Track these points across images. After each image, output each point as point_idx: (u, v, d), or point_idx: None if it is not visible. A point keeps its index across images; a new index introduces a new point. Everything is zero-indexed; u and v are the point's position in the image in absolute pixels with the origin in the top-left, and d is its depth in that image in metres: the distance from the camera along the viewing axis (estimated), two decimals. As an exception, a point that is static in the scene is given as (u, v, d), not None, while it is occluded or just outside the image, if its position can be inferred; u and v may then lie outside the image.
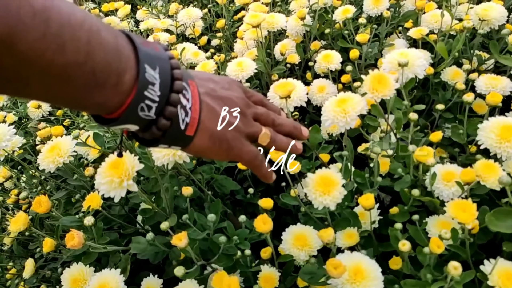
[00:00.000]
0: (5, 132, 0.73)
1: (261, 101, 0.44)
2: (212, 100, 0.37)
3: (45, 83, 0.26)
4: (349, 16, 0.91)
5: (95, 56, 0.28)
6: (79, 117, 1.12)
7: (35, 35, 0.24)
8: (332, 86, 0.87)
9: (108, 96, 0.30)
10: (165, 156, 0.60)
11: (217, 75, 0.42)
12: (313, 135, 0.72)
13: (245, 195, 0.82)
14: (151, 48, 0.32)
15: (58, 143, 0.69)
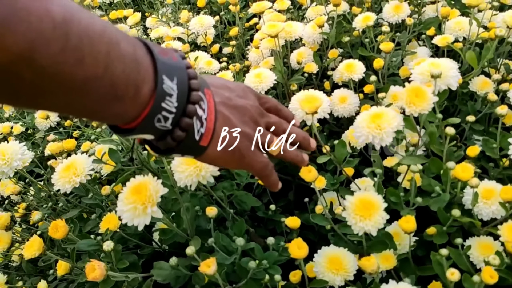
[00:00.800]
0: (16, 150, 0.70)
1: (275, 107, 0.44)
2: (227, 109, 0.37)
3: (63, 96, 0.26)
4: (370, 23, 0.88)
5: (114, 69, 0.27)
6: (88, 128, 1.09)
7: (55, 49, 0.23)
8: (354, 97, 0.84)
9: (126, 108, 0.30)
10: (188, 177, 0.57)
11: (232, 82, 0.41)
12: (339, 149, 0.69)
13: (266, 212, 0.79)
14: (169, 57, 0.32)
15: (74, 161, 0.66)
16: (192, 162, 0.58)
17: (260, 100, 0.43)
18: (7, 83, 0.23)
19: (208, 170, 0.57)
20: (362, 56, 0.97)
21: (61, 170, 0.66)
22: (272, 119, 0.42)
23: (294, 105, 0.73)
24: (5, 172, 0.70)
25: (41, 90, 0.25)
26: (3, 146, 0.71)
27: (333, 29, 0.93)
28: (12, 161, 0.69)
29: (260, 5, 0.89)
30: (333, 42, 0.94)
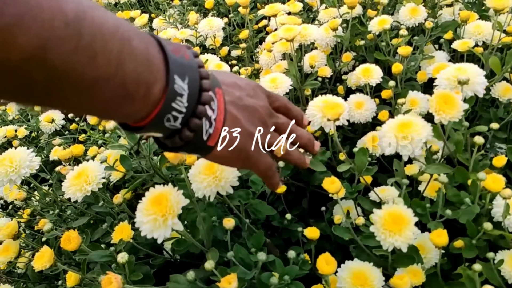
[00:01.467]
0: (24, 157, 0.67)
1: (285, 106, 0.44)
2: (237, 109, 0.37)
3: (74, 95, 0.26)
4: (386, 27, 0.86)
5: (126, 68, 0.27)
6: (95, 131, 1.07)
7: (67, 48, 0.23)
8: (371, 102, 0.82)
9: (136, 107, 0.29)
10: (207, 187, 0.55)
11: (242, 79, 0.40)
12: (359, 157, 0.67)
13: (282, 221, 0.76)
14: (181, 56, 0.31)
15: (86, 169, 0.63)
16: (211, 171, 0.55)
17: (270, 98, 0.42)
18: (18, 82, 0.23)
19: (227, 180, 0.55)
20: (376, 59, 0.95)
21: (72, 177, 0.63)
22: (280, 120, 0.42)
23: (312, 110, 0.70)
24: (13, 180, 0.67)
25: (53, 89, 0.24)
26: (11, 153, 0.69)
27: (348, 32, 0.91)
28: (20, 168, 0.66)
29: (273, 8, 0.87)
30: (347, 46, 0.92)
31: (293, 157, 0.43)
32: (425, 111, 0.81)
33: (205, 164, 0.55)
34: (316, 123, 0.70)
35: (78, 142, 1.09)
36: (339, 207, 0.79)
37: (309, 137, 0.45)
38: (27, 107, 1.26)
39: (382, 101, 0.87)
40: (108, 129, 0.68)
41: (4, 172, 0.67)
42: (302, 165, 0.45)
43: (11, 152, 0.69)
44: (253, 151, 0.38)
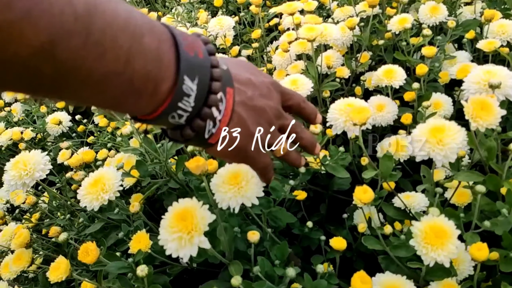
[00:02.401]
0: (38, 160, 0.65)
1: (298, 105, 0.44)
2: (245, 110, 0.36)
3: (82, 90, 0.25)
4: (407, 26, 0.83)
5: (135, 64, 0.26)
6: (103, 134, 1.04)
7: (76, 43, 0.23)
8: (392, 105, 0.79)
9: (143, 104, 0.29)
10: (232, 199, 0.52)
11: (258, 75, 0.39)
12: (384, 163, 0.64)
13: (302, 229, 0.73)
14: (195, 54, 0.31)
15: (102, 176, 0.61)
16: (236, 182, 0.53)
17: (284, 96, 0.42)
18: (26, 75, 0.22)
19: (253, 191, 0.52)
20: (395, 59, 0.92)
21: (88, 185, 0.60)
22: (287, 121, 0.41)
23: (334, 114, 0.68)
24: (27, 183, 0.65)
25: (61, 84, 0.24)
26: (24, 155, 0.67)
27: (367, 32, 0.88)
28: (34, 171, 0.64)
29: (291, 6, 0.84)
30: (366, 45, 0.89)
31: (291, 157, 0.43)
32: (449, 114, 0.78)
33: (229, 174, 0.53)
34: (339, 127, 0.67)
35: (86, 144, 1.07)
36: (360, 213, 0.77)
37: (311, 140, 0.45)
38: (35, 102, 1.24)
39: (402, 103, 0.85)
40: (124, 134, 0.65)
41: (17, 175, 0.65)
42: (298, 165, 0.45)
43: (24, 155, 0.68)
44: (252, 151, 0.38)
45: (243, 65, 0.40)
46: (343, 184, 0.80)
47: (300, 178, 0.71)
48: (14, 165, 0.66)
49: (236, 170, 0.53)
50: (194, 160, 0.52)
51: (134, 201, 0.76)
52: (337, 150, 0.68)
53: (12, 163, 0.66)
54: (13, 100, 1.35)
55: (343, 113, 0.67)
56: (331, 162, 0.68)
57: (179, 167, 0.71)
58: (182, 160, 0.71)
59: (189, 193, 0.75)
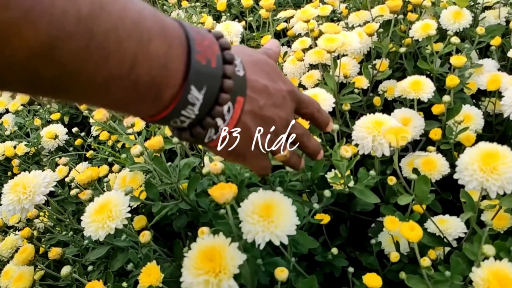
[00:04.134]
0: (39, 182, 0.59)
1: (312, 114, 0.43)
2: (253, 119, 0.35)
3: (84, 93, 0.25)
4: (431, 32, 0.78)
5: (140, 70, 0.25)
6: (102, 146, 0.97)
7: (77, 46, 0.22)
8: (419, 119, 0.73)
9: (145, 108, 0.28)
10: (259, 234, 0.46)
11: (276, 81, 0.37)
12: (420, 187, 0.59)
13: (325, 255, 0.68)
14: (207, 62, 0.29)
15: (109, 201, 0.54)
16: (267, 214, 0.47)
17: (299, 104, 0.40)
18: (25, 77, 0.22)
19: (284, 228, 0.46)
20: (415, 67, 0.87)
21: (93, 212, 0.54)
22: (295, 131, 0.40)
23: (361, 132, 0.62)
24: (26, 208, 0.59)
25: (61, 87, 0.23)
26: (24, 177, 0.61)
27: (386, 39, 0.82)
28: (35, 195, 0.58)
29: (307, 13, 0.78)
30: (386, 53, 0.84)
31: (291, 164, 0.43)
32: (480, 128, 0.73)
33: (261, 203, 0.47)
34: (367, 146, 0.62)
35: (84, 159, 1.00)
36: (385, 235, 0.71)
37: (315, 149, 0.44)
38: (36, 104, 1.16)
39: (426, 115, 0.79)
40: (134, 154, 0.58)
41: (16, 200, 0.59)
42: (298, 168, 0.45)
43: (24, 177, 0.61)
44: (251, 157, 0.38)
45: (263, 68, 0.37)
46: (367, 205, 0.74)
47: (325, 201, 0.66)
48: (13, 188, 0.59)
49: (269, 200, 0.47)
50: (218, 187, 0.46)
51: (137, 224, 0.70)
52: (366, 173, 0.62)
53: (10, 185, 0.60)
54: (3, 110, 1.28)
55: (371, 131, 0.61)
56: (359, 186, 0.62)
57: (191, 188, 0.65)
58: (194, 181, 0.64)
59: (202, 216, 0.68)
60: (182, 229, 0.72)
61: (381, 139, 0.60)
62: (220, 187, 0.45)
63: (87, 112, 0.97)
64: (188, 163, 0.61)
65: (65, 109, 1.23)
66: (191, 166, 0.61)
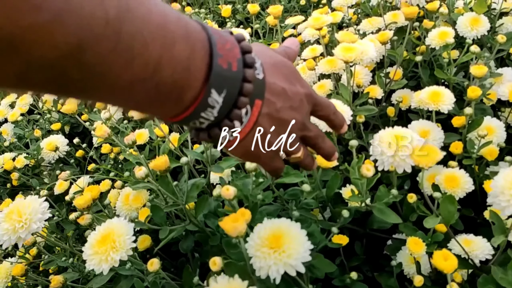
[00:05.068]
0: (36, 208, 0.55)
1: (328, 116, 0.43)
2: (269, 121, 0.35)
3: (108, 94, 0.25)
4: (449, 41, 0.74)
5: (163, 72, 0.25)
6: (104, 166, 0.93)
7: (105, 48, 0.22)
8: (438, 131, 0.70)
9: (166, 110, 0.29)
10: (272, 267, 0.42)
11: (296, 83, 0.37)
12: (446, 207, 0.55)
13: (343, 278, 0.64)
14: (228, 66, 0.29)
15: (112, 231, 0.50)
16: (277, 245, 0.43)
17: (315, 107, 0.40)
18: (53, 78, 0.22)
19: (298, 256, 0.43)
20: (430, 76, 0.83)
21: (96, 243, 0.50)
22: (309, 134, 0.40)
23: (380, 147, 0.58)
24: (22, 237, 0.55)
25: (87, 88, 0.24)
26: (20, 204, 0.56)
27: (401, 47, 0.79)
28: (31, 223, 0.54)
29: (319, 20, 0.74)
30: (400, 62, 0.80)
31: (305, 165, 0.43)
32: (502, 141, 0.69)
33: (268, 234, 0.43)
34: (387, 163, 0.58)
35: (86, 172, 0.96)
36: (404, 255, 0.67)
37: (329, 151, 0.44)
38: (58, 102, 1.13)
39: (444, 127, 0.75)
40: (139, 177, 0.55)
41: (11, 229, 0.55)
42: (311, 169, 0.45)
43: (19, 203, 0.57)
44: (265, 159, 0.38)
45: (283, 70, 0.37)
46: (385, 222, 0.70)
47: (342, 221, 0.62)
48: (8, 216, 0.55)
49: (277, 229, 0.44)
50: (230, 220, 0.43)
51: (141, 245, 0.67)
52: (387, 191, 0.58)
53: (5, 213, 0.55)
54: (3, 120, 1.24)
55: (392, 146, 0.57)
56: (378, 205, 0.59)
57: (199, 210, 0.61)
58: (202, 203, 0.61)
59: (211, 238, 0.65)
60: (189, 251, 0.68)
61: (403, 155, 0.56)
62: (233, 219, 0.42)
63: (88, 124, 0.93)
64: (196, 184, 0.58)
65: (66, 119, 1.20)
66: (199, 187, 0.58)
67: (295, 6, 1.22)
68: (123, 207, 0.74)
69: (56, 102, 1.20)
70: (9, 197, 1.11)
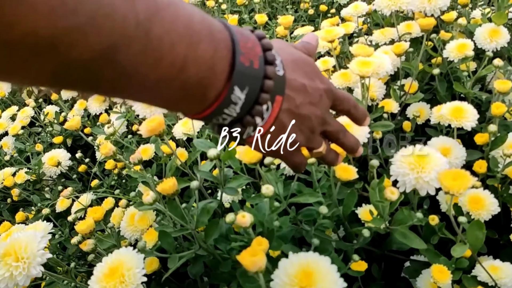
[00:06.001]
0: (33, 250, 0.50)
1: (348, 111, 0.43)
2: (289, 117, 0.36)
3: (137, 93, 0.26)
4: (469, 54, 0.71)
5: (188, 71, 0.26)
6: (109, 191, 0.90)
7: (135, 49, 0.23)
8: (460, 149, 0.67)
9: (191, 107, 0.30)
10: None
11: (315, 79, 0.37)
12: (473, 233, 0.52)
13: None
14: (250, 64, 0.30)
15: (120, 264, 0.47)
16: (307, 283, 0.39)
17: (335, 102, 0.40)
18: (87, 78, 0.23)
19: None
20: (448, 90, 0.80)
21: (103, 276, 0.47)
22: (330, 128, 0.41)
23: (402, 168, 0.55)
24: (21, 284, 0.49)
25: (118, 88, 0.25)
26: (15, 241, 0.50)
27: (417, 59, 0.76)
28: (30, 267, 0.48)
29: (332, 32, 0.71)
30: (416, 75, 0.77)
31: (328, 160, 0.44)
32: (527, 159, 0.66)
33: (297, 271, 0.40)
34: (409, 184, 0.55)
35: (89, 188, 0.93)
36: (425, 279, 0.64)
37: (352, 146, 0.44)
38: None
39: (464, 143, 0.72)
40: (147, 202, 0.51)
41: (8, 276, 0.49)
42: (334, 165, 0.45)
43: (15, 241, 0.51)
44: (286, 154, 0.38)
45: (302, 66, 0.37)
46: (404, 244, 0.67)
47: (361, 242, 0.59)
48: (3, 258, 0.49)
49: (305, 265, 0.40)
50: (248, 254, 0.39)
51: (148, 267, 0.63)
52: (409, 213, 0.55)
53: (1, 254, 0.50)
54: (3, 132, 1.21)
55: (414, 167, 0.54)
56: (401, 228, 0.55)
57: (209, 235, 0.58)
58: (213, 227, 0.57)
59: (222, 264, 0.61)
60: (198, 276, 0.64)
61: (427, 176, 0.53)
62: (251, 252, 0.38)
63: (91, 139, 0.90)
64: (207, 208, 0.54)
65: (68, 131, 1.17)
66: (210, 212, 0.54)
67: (303, 16, 1.19)
68: (128, 228, 0.71)
69: (58, 114, 1.17)
70: (9, 212, 1.08)
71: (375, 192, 0.55)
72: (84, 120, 1.14)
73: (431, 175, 0.53)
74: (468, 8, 0.87)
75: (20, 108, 1.23)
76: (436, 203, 0.69)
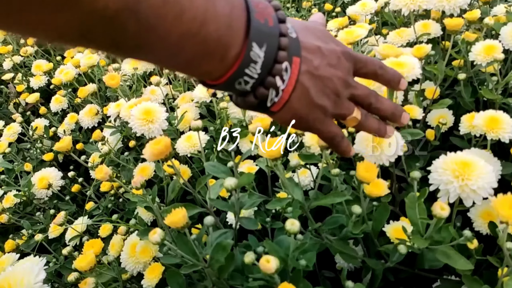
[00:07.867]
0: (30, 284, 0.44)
1: (375, 72, 0.40)
2: (310, 80, 0.35)
3: (160, 50, 0.26)
4: (498, 56, 0.65)
5: (208, 27, 0.27)
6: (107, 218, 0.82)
7: (157, 0, 0.24)
8: (494, 162, 0.60)
9: (213, 68, 0.30)
10: None
11: (329, 43, 0.37)
12: None
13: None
14: (265, 21, 0.30)
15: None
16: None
17: (357, 65, 0.39)
18: (112, 32, 0.23)
19: None
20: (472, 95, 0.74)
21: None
22: (358, 91, 0.38)
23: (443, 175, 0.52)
24: None
25: (141, 43, 0.25)
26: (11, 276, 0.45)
27: (442, 63, 0.69)
28: None
29: (353, 33, 0.65)
30: (440, 80, 0.71)
31: (369, 128, 0.41)
32: None
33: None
34: (453, 194, 0.49)
35: (84, 212, 0.85)
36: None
37: (392, 110, 0.41)
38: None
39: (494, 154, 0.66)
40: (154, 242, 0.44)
41: None
42: (382, 136, 0.42)
43: (11, 276, 0.45)
44: (316, 122, 0.37)
45: (313, 31, 0.37)
46: (437, 261, 0.60)
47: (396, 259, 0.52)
48: None
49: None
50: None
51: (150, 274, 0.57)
52: (455, 232, 0.49)
53: None
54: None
55: (458, 174, 0.49)
56: (445, 248, 0.49)
57: (224, 270, 0.51)
58: (229, 262, 0.51)
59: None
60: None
61: (473, 184, 0.48)
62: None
63: (83, 158, 0.83)
64: (223, 245, 0.47)
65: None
66: (226, 249, 0.47)
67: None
68: (129, 260, 0.64)
69: (47, 128, 1.10)
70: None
71: (414, 207, 0.49)
72: (76, 134, 1.07)
73: (478, 183, 0.47)
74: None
75: (7, 122, 1.15)
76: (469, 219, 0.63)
